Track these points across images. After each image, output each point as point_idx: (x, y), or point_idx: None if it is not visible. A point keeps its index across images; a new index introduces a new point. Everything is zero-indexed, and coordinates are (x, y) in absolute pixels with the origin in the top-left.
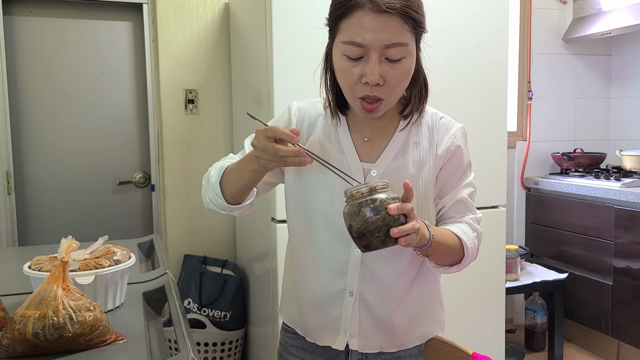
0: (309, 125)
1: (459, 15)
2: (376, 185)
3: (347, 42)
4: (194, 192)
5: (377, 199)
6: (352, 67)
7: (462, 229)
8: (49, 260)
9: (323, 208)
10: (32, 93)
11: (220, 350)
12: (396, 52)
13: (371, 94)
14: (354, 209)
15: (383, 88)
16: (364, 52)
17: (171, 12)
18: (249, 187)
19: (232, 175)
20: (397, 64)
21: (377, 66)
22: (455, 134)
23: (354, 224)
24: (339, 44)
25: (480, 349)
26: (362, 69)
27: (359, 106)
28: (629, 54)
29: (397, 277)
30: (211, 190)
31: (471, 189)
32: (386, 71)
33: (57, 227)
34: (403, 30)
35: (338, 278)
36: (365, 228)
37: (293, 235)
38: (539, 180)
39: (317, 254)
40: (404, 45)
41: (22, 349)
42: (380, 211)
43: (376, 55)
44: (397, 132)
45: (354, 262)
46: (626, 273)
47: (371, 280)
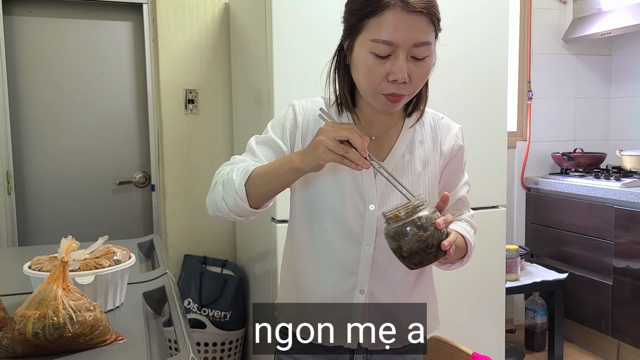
0: (314, 123)
1: (459, 15)
2: (418, 204)
3: (376, 40)
4: (194, 192)
5: (423, 216)
6: (379, 65)
7: (464, 228)
8: (49, 260)
9: (333, 207)
10: (32, 93)
11: (220, 350)
12: (422, 50)
13: (397, 91)
14: (401, 229)
15: (408, 86)
16: (393, 50)
17: (171, 12)
18: (279, 189)
19: (264, 177)
20: (421, 62)
21: (404, 64)
22: (457, 134)
23: (403, 244)
24: (365, 42)
25: (480, 349)
26: (389, 67)
27: (383, 100)
28: (628, 54)
29: (406, 272)
30: (232, 195)
31: (467, 187)
32: (412, 69)
33: (57, 227)
34: (429, 29)
35: (348, 276)
36: (418, 247)
37: (298, 237)
38: (539, 180)
39: (326, 253)
40: (429, 44)
41: (22, 349)
42: (428, 228)
43: (404, 53)
44: (404, 130)
45: (365, 259)
46: (626, 273)
47: (381, 277)
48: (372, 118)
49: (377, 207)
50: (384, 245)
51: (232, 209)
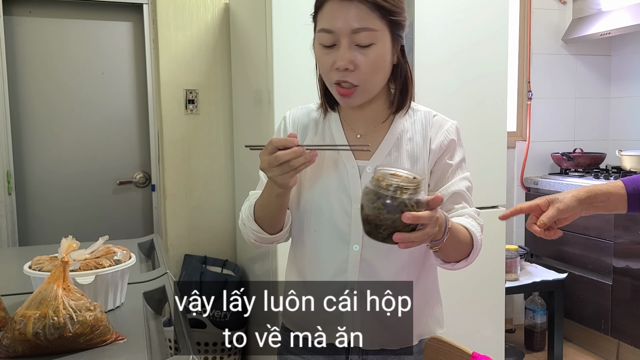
0: (303, 128)
1: (459, 15)
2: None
3: (320, 31)
4: (194, 192)
5: (398, 198)
6: (326, 55)
7: (469, 222)
8: (49, 260)
9: (320, 207)
10: (33, 93)
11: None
12: (364, 37)
13: (342, 79)
14: (373, 196)
15: (355, 74)
16: (336, 38)
17: (171, 12)
18: (280, 213)
19: (262, 208)
20: (367, 50)
21: (346, 51)
22: (449, 129)
23: (366, 207)
24: (316, 35)
25: (480, 349)
26: (334, 56)
27: (336, 92)
28: (628, 54)
29: (396, 272)
30: (250, 230)
31: (468, 183)
32: (356, 57)
33: (58, 227)
34: (370, 16)
35: (338, 275)
36: (374, 219)
37: (293, 237)
38: (538, 180)
39: (316, 253)
40: (371, 30)
41: (22, 349)
42: (395, 213)
43: (346, 41)
44: (391, 128)
45: (354, 258)
46: (626, 273)
47: (370, 276)
48: (354, 116)
49: None
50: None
51: (258, 241)
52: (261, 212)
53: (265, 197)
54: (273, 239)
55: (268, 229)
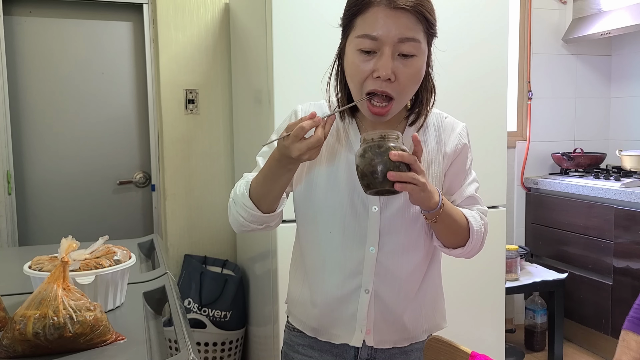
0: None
1: (459, 15)
2: (387, 134)
3: (361, 36)
4: (194, 192)
5: (383, 145)
6: (364, 62)
7: (471, 213)
8: (49, 260)
9: (336, 209)
10: (33, 93)
11: (221, 350)
12: (409, 47)
13: (380, 89)
14: (362, 151)
15: (394, 85)
16: (378, 46)
17: (171, 12)
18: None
19: (262, 185)
20: (409, 61)
21: (389, 60)
22: (461, 132)
23: (359, 164)
24: (353, 39)
25: (480, 349)
26: (374, 64)
27: (367, 109)
28: (628, 54)
29: (411, 272)
30: (241, 207)
31: (477, 185)
32: (398, 68)
33: (58, 227)
34: (416, 27)
35: (353, 277)
36: (367, 169)
37: (304, 239)
38: (538, 180)
39: (331, 254)
40: (416, 41)
41: (22, 349)
42: (383, 156)
43: (389, 50)
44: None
45: (369, 260)
46: (626, 273)
47: (386, 277)
48: (373, 124)
49: (380, 208)
50: (388, 246)
51: (248, 220)
52: (261, 189)
53: (269, 173)
54: (264, 219)
55: (263, 207)
